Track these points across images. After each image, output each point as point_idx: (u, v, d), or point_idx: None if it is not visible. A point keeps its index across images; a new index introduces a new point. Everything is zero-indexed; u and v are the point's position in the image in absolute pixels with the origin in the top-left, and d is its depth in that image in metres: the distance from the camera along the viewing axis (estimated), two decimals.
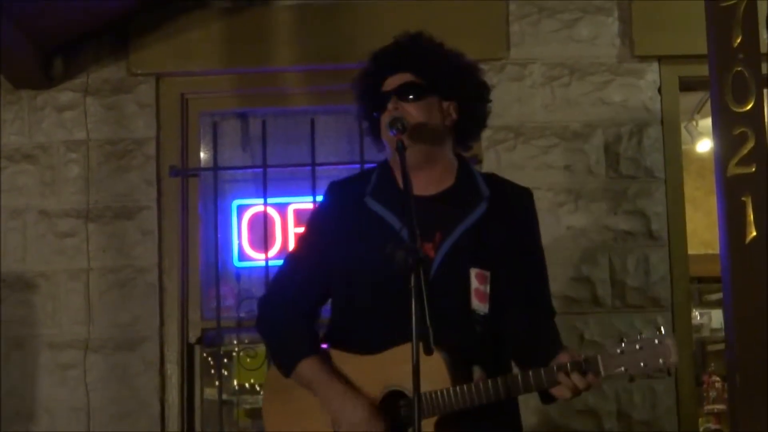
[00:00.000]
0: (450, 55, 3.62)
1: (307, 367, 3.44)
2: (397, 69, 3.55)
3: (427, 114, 3.50)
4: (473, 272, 3.44)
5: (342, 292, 3.54)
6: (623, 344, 3.26)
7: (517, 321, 3.52)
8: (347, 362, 3.46)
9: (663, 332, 3.24)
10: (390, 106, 3.49)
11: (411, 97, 3.50)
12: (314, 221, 3.71)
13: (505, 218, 3.54)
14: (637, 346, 3.24)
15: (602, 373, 3.26)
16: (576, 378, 3.25)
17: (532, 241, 3.65)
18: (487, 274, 3.46)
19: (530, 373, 3.29)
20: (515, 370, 3.44)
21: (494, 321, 3.47)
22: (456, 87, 3.58)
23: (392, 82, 3.53)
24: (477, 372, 3.40)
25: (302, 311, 3.56)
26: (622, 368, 3.25)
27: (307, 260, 3.59)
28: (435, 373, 3.20)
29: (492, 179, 3.66)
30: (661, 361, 3.23)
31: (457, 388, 3.30)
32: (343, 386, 3.40)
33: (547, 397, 3.42)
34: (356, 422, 3.33)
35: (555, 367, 3.27)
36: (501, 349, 3.52)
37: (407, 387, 3.29)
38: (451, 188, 3.55)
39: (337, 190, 3.66)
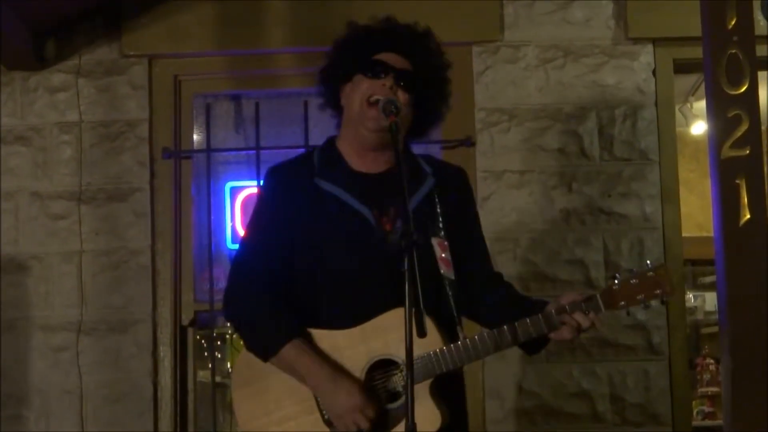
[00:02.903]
0: (442, 59, 3.68)
1: (292, 350, 3.40)
2: (395, 48, 3.58)
3: (408, 106, 3.54)
4: (435, 241, 3.53)
5: (304, 272, 3.51)
6: (619, 279, 3.35)
7: (483, 284, 3.68)
8: (324, 339, 3.45)
9: (654, 263, 3.36)
10: (388, 81, 3.50)
11: (408, 86, 3.53)
12: (264, 205, 3.66)
13: (450, 193, 3.65)
14: (633, 280, 3.34)
15: (602, 309, 3.36)
16: (578, 316, 3.34)
17: (476, 215, 3.80)
18: (446, 242, 3.55)
19: (528, 320, 3.37)
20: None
21: (459, 286, 3.56)
22: (434, 91, 3.64)
23: (395, 60, 3.55)
24: (461, 332, 3.46)
25: (274, 293, 3.52)
26: (622, 302, 3.32)
27: (266, 244, 3.56)
28: (427, 335, 3.19)
29: (430, 159, 3.77)
30: (658, 291, 3.33)
31: (458, 345, 3.36)
32: (331, 370, 3.38)
33: (533, 347, 3.50)
34: (348, 408, 3.33)
35: (554, 312, 3.36)
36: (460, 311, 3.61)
37: (395, 354, 3.35)
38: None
39: (280, 174, 3.68)
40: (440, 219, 3.57)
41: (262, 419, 3.48)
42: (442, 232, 3.55)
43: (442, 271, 3.50)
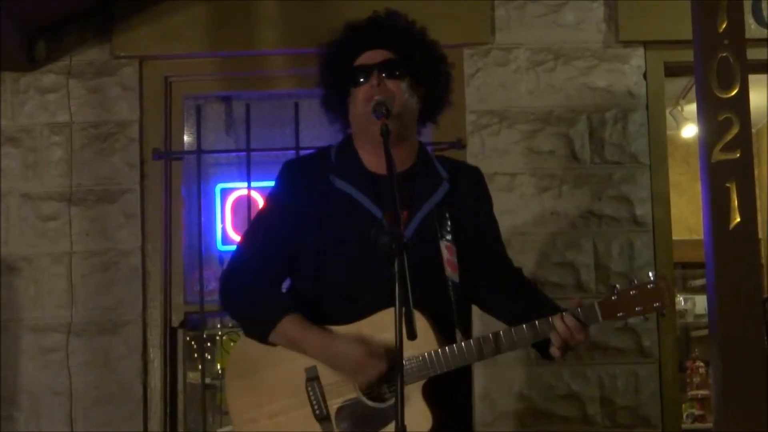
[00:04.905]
0: (426, 39, 3.67)
1: (290, 323, 3.43)
2: (376, 44, 3.57)
3: (407, 93, 3.54)
4: (443, 244, 3.54)
5: (310, 269, 3.53)
6: (618, 290, 3.34)
7: (496, 284, 3.67)
8: None
9: (655, 276, 3.34)
10: (373, 80, 3.50)
11: (397, 73, 3.54)
12: (276, 199, 3.68)
13: (464, 196, 3.66)
14: (632, 292, 3.33)
15: (600, 319, 3.35)
16: (569, 320, 3.32)
17: (490, 215, 3.79)
18: (454, 247, 3.56)
19: (524, 326, 3.36)
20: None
21: (464, 289, 3.56)
22: (429, 71, 3.63)
23: (372, 57, 3.55)
24: (459, 335, 3.47)
25: (270, 281, 3.56)
26: (620, 313, 3.31)
27: (271, 236, 3.58)
28: (422, 336, 3.18)
29: (446, 161, 3.76)
30: (656, 304, 3.31)
31: (452, 347, 3.35)
32: (330, 335, 3.41)
33: (546, 352, 3.47)
34: (358, 357, 3.34)
35: (551, 317, 3.34)
36: (468, 316, 3.64)
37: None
38: (413, 168, 3.62)
39: (296, 169, 3.69)
40: (450, 224, 3.57)
41: (254, 411, 3.50)
42: (451, 236, 3.56)
43: (447, 273, 3.51)
